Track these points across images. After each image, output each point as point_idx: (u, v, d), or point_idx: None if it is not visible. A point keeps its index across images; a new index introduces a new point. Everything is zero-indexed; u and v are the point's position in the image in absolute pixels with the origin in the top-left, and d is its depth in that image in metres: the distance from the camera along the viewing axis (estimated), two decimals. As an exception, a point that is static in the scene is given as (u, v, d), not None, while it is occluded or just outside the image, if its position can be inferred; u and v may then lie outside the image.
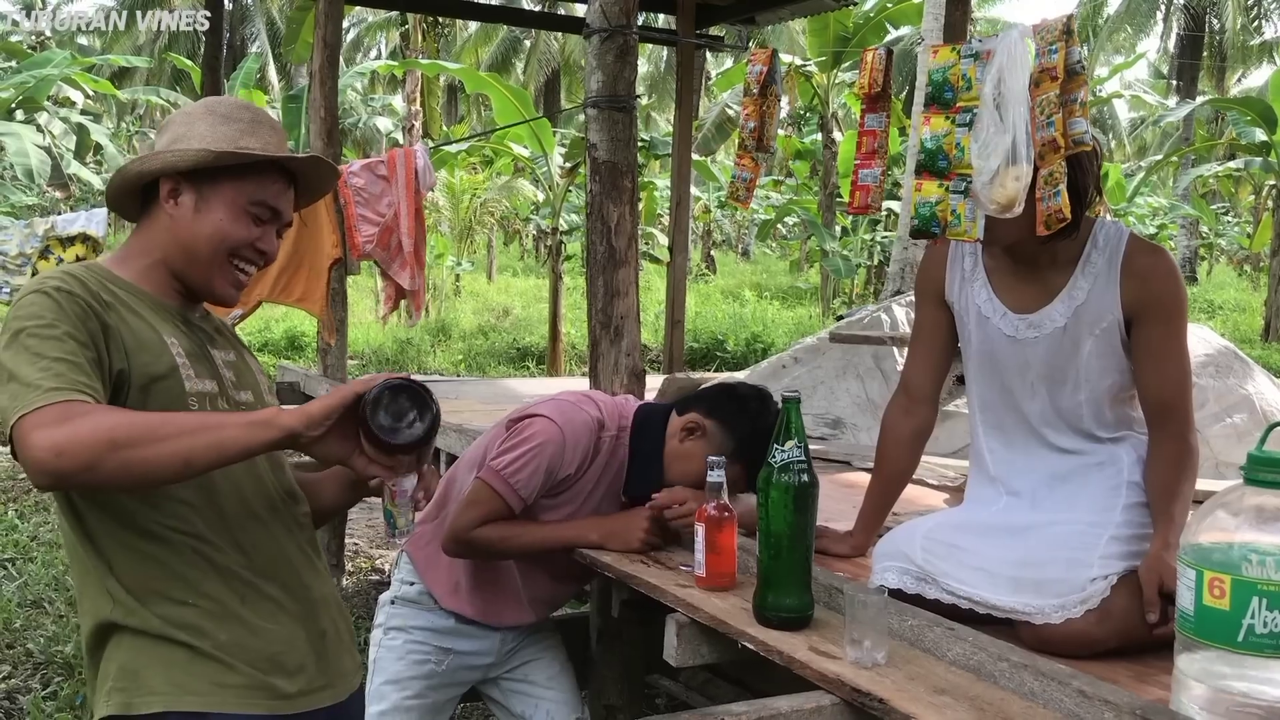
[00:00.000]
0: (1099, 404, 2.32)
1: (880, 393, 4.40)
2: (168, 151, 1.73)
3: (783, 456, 2.06)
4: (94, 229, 5.00)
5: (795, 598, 2.09)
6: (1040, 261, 2.31)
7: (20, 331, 1.57)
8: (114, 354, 1.62)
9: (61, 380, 1.53)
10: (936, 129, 2.03)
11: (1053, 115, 1.90)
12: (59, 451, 1.47)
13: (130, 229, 1.85)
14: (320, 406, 1.55)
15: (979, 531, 2.28)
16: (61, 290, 1.61)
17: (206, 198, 1.74)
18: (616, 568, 2.47)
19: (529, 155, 14.36)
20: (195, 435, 1.53)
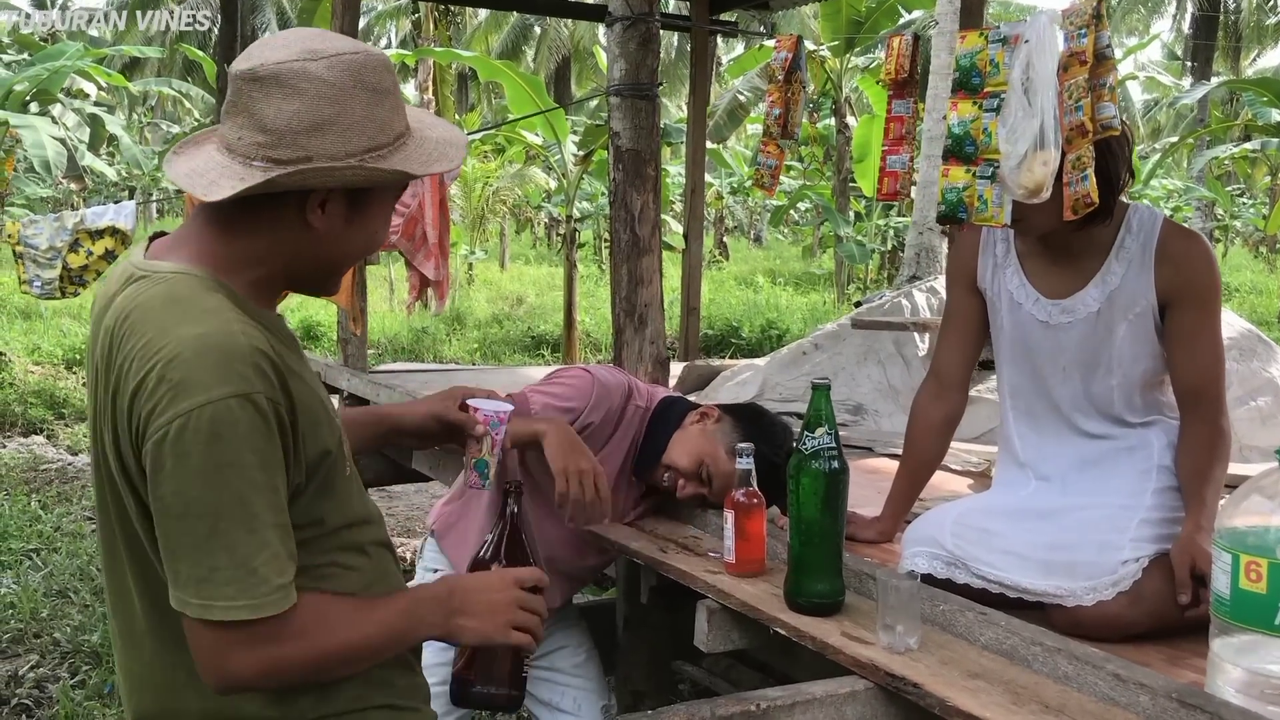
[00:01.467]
0: (1131, 389, 2.32)
1: (901, 378, 4.41)
2: (346, 169, 1.37)
3: (813, 444, 2.06)
4: (123, 222, 5.02)
5: (827, 584, 2.10)
6: (1074, 247, 2.31)
7: (231, 472, 1.28)
8: (302, 451, 1.39)
9: (281, 574, 1.32)
10: (964, 114, 2.03)
11: (1081, 100, 1.90)
12: (266, 676, 1.36)
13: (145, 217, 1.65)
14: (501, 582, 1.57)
15: (1009, 515, 2.28)
16: (265, 399, 1.31)
17: (365, 209, 1.45)
18: (645, 554, 2.49)
19: (541, 143, 14.34)
20: (386, 650, 1.47)
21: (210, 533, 1.28)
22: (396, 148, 1.43)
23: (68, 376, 10.47)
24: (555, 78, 33.85)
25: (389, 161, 1.41)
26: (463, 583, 1.60)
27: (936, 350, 2.66)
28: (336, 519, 1.48)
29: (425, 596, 1.54)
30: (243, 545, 1.29)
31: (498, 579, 1.60)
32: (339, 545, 1.49)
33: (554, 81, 33.40)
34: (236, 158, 1.38)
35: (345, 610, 1.42)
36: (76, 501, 6.83)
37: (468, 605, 1.54)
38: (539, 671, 2.76)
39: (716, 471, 2.54)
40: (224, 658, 1.32)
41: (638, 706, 3.08)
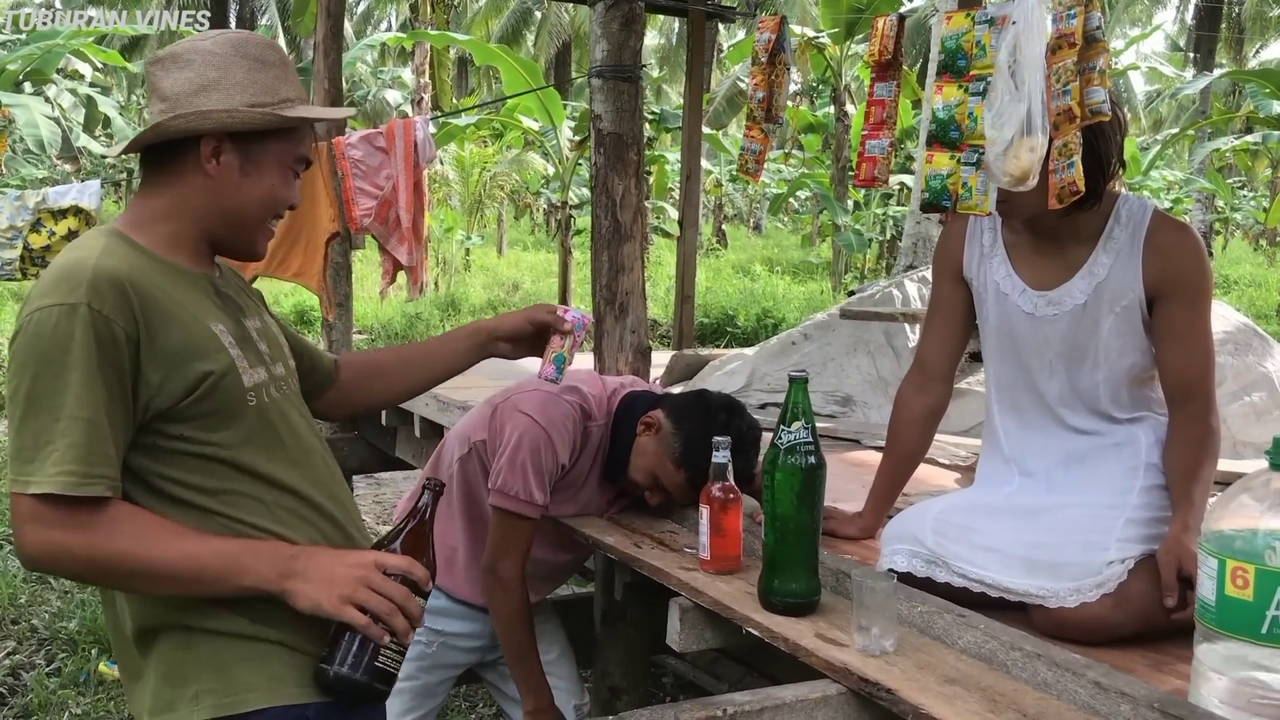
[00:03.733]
0: (1117, 384, 2.26)
1: (891, 370, 4.34)
2: (222, 111, 1.57)
3: (789, 438, 2.00)
4: (86, 201, 4.90)
5: (802, 583, 2.03)
6: (1061, 236, 2.24)
7: (43, 366, 1.45)
8: (156, 376, 1.51)
9: (78, 461, 1.44)
10: (949, 98, 1.96)
11: (1069, 83, 1.82)
12: (50, 559, 1.48)
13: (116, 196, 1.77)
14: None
15: (991, 513, 2.22)
16: (92, 311, 1.46)
17: (255, 160, 1.62)
18: (620, 549, 2.42)
19: (538, 128, 14.26)
20: (190, 582, 1.51)
21: (22, 417, 1.45)
22: (279, 106, 1.61)
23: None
24: (556, 63, 33.72)
25: (239, 97, 1.59)
26: (316, 550, 1.59)
27: (921, 340, 2.59)
28: (238, 451, 1.57)
29: (263, 549, 1.55)
30: (45, 431, 1.44)
31: (355, 555, 1.59)
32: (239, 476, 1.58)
33: (554, 67, 33.27)
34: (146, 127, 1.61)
35: (150, 526, 1.49)
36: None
37: (309, 570, 1.54)
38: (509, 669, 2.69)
39: (669, 483, 2.51)
40: (19, 531, 1.45)
41: (614, 702, 3.02)
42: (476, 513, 2.60)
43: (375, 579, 1.55)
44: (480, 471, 2.58)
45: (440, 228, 16.74)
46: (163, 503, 1.54)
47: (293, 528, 1.61)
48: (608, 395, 2.63)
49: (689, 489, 2.44)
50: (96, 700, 4.00)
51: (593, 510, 2.66)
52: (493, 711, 3.99)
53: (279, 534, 1.59)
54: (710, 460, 2.27)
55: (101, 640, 4.47)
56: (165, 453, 1.54)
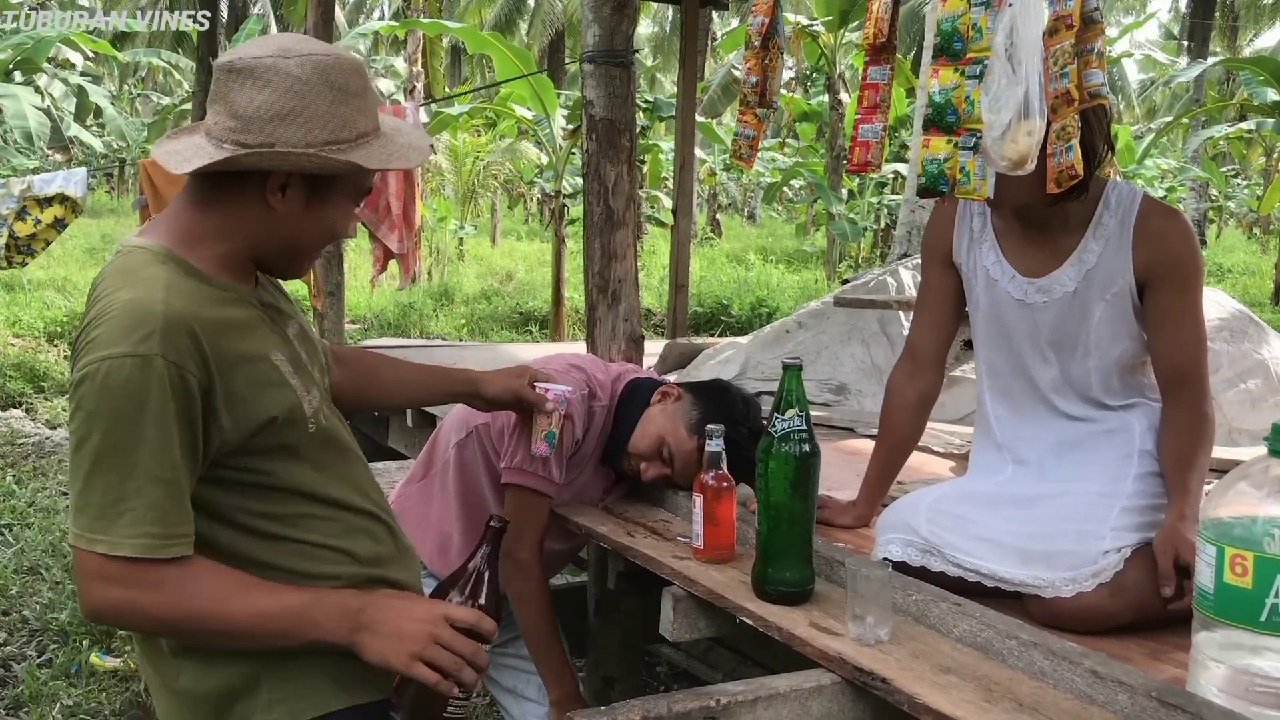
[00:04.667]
0: (1108, 372, 2.24)
1: (885, 358, 4.31)
2: (300, 153, 1.49)
3: (783, 426, 1.97)
4: (72, 189, 4.84)
5: (795, 571, 2.01)
6: (1050, 223, 2.22)
7: (115, 421, 1.40)
8: (227, 420, 1.48)
9: (158, 524, 1.41)
10: (945, 82, 1.93)
11: (1067, 66, 1.80)
12: (117, 616, 1.46)
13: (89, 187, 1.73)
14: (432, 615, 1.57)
15: (986, 502, 2.20)
16: (167, 363, 1.40)
17: (323, 198, 1.56)
18: (613, 539, 2.40)
19: (532, 117, 14.19)
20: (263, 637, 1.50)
21: (91, 471, 1.41)
22: (357, 144, 1.55)
23: (48, 349, 10.36)
24: (549, 51, 33.59)
25: (345, 155, 1.52)
26: (385, 600, 1.58)
27: (911, 327, 2.57)
28: (301, 478, 1.57)
29: (333, 601, 1.53)
30: (115, 488, 1.40)
31: (424, 608, 1.58)
32: (304, 501, 1.58)
33: (548, 55, 33.14)
34: (211, 140, 1.52)
35: (222, 583, 1.47)
36: (52, 476, 6.73)
37: (378, 623, 1.53)
38: (504, 659, 2.68)
39: (678, 450, 2.47)
40: (85, 586, 1.42)
41: (608, 692, 3.01)
42: (473, 499, 2.56)
43: (444, 634, 1.54)
44: (480, 456, 2.55)
45: (433, 217, 16.68)
46: (232, 531, 1.53)
47: (356, 542, 1.63)
48: (611, 379, 2.61)
49: (695, 462, 2.41)
50: (88, 691, 3.98)
51: (588, 497, 2.64)
52: (486, 701, 3.97)
53: (344, 549, 1.61)
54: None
55: (93, 632, 4.45)
56: (233, 484, 1.53)
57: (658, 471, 2.51)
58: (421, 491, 2.62)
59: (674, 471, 2.49)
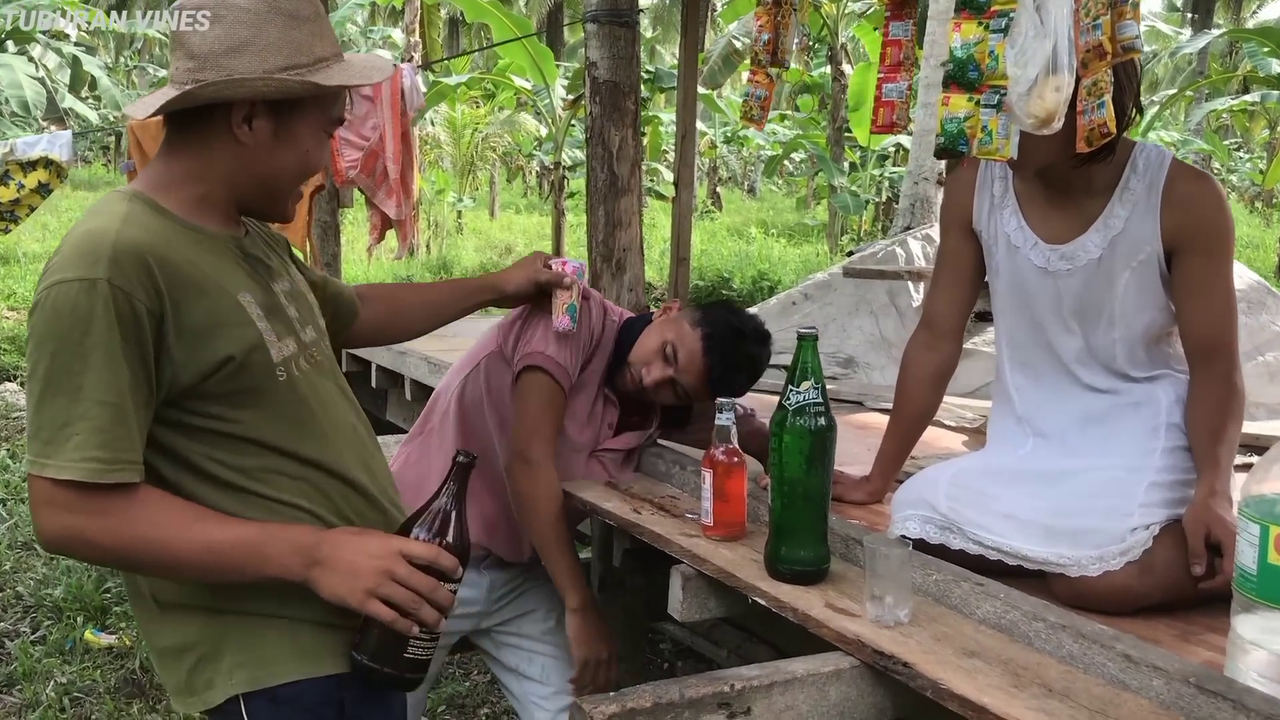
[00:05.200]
0: (1133, 342, 2.15)
1: (895, 330, 4.23)
2: (257, 79, 1.48)
3: (798, 398, 1.89)
4: (57, 152, 4.71)
5: (810, 550, 1.93)
6: (1074, 187, 2.13)
7: (62, 344, 1.38)
8: (180, 353, 1.44)
9: (102, 447, 1.38)
10: (968, 36, 1.83)
11: (1100, 17, 1.70)
12: (67, 544, 1.43)
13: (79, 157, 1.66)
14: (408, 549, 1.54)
15: (1008, 477, 2.12)
16: (113, 286, 1.38)
17: (290, 126, 1.54)
18: (619, 515, 2.32)
19: (531, 88, 14.06)
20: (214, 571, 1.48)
21: (40, 396, 1.39)
22: (315, 69, 1.53)
23: (44, 323, 10.26)
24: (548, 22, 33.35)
25: (303, 78, 1.51)
26: (340, 536, 1.53)
27: (928, 297, 2.48)
28: (268, 429, 1.52)
29: (287, 536, 1.49)
30: (62, 412, 1.38)
31: (379, 543, 1.52)
32: (270, 454, 1.53)
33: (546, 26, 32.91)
34: (174, 85, 1.51)
35: (171, 513, 1.44)
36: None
37: (333, 559, 1.49)
38: (505, 637, 2.60)
39: (681, 345, 2.39)
40: (36, 513, 1.40)
41: (613, 671, 2.94)
42: (476, 446, 2.44)
43: (399, 570, 1.50)
44: (485, 392, 2.47)
45: (432, 190, 16.55)
46: (200, 481, 1.50)
47: (325, 505, 1.58)
48: (618, 312, 2.61)
49: (699, 360, 2.36)
50: (82, 669, 3.91)
51: (589, 431, 2.53)
52: (488, 679, 3.91)
53: (314, 512, 1.56)
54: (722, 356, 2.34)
55: (87, 608, 4.39)
56: (197, 431, 1.49)
57: (660, 373, 2.40)
58: (420, 448, 2.54)
59: (677, 368, 2.39)
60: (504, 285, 2.28)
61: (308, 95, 1.53)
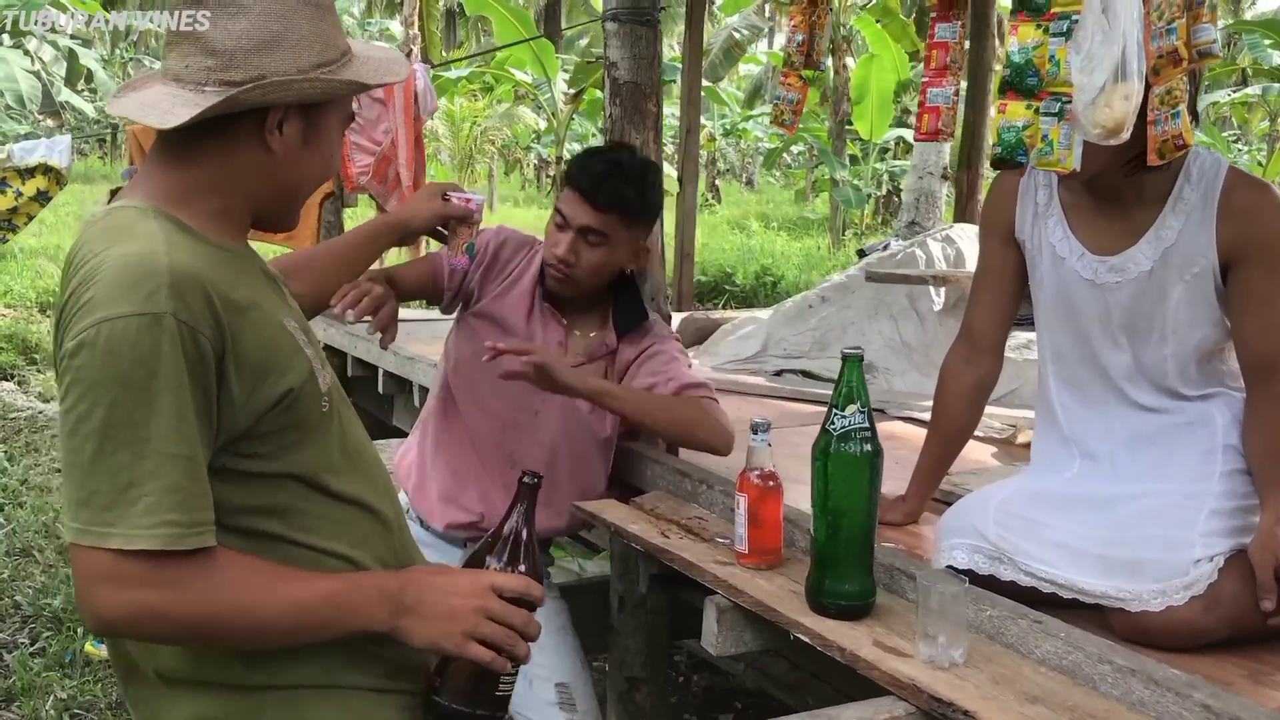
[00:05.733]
0: (1186, 359, 2.05)
1: (915, 334, 4.12)
2: (303, 80, 1.33)
3: (843, 423, 1.78)
4: (56, 159, 4.54)
5: (856, 582, 1.83)
6: (1124, 197, 2.02)
7: (123, 391, 1.19)
8: (241, 393, 1.28)
9: (179, 509, 1.20)
10: (1026, 40, 1.73)
11: (1175, 20, 1.60)
12: (133, 624, 1.24)
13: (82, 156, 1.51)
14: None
15: (1058, 503, 2.01)
16: (179, 322, 1.21)
17: (319, 128, 1.41)
18: (645, 540, 2.22)
19: (531, 81, 13.94)
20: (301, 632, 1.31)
21: (96, 453, 1.20)
22: (344, 63, 1.40)
23: (41, 320, 10.14)
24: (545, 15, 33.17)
25: (342, 74, 1.38)
26: (424, 577, 1.40)
27: (968, 309, 2.38)
28: (312, 467, 1.38)
29: (371, 585, 1.36)
30: (126, 470, 1.19)
31: (468, 581, 1.40)
32: (312, 494, 1.39)
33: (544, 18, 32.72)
34: (187, 86, 1.33)
35: (252, 574, 1.28)
36: (45, 452, 6.54)
37: (423, 604, 1.36)
38: None
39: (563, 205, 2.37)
40: (93, 593, 1.21)
41: (633, 694, 2.84)
42: (459, 428, 2.51)
43: (495, 607, 1.37)
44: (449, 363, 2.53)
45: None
46: (234, 535, 1.31)
47: (363, 549, 1.44)
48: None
49: (575, 193, 2.34)
50: (83, 683, 3.81)
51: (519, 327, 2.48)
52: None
53: (351, 558, 1.42)
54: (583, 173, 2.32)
55: (87, 619, 4.28)
56: (236, 476, 1.31)
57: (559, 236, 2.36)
58: (414, 440, 2.61)
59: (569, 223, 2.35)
60: (410, 221, 2.19)
61: (348, 95, 1.42)
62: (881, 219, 19.94)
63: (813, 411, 3.74)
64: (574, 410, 2.45)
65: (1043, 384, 2.25)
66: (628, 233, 2.37)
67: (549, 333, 2.46)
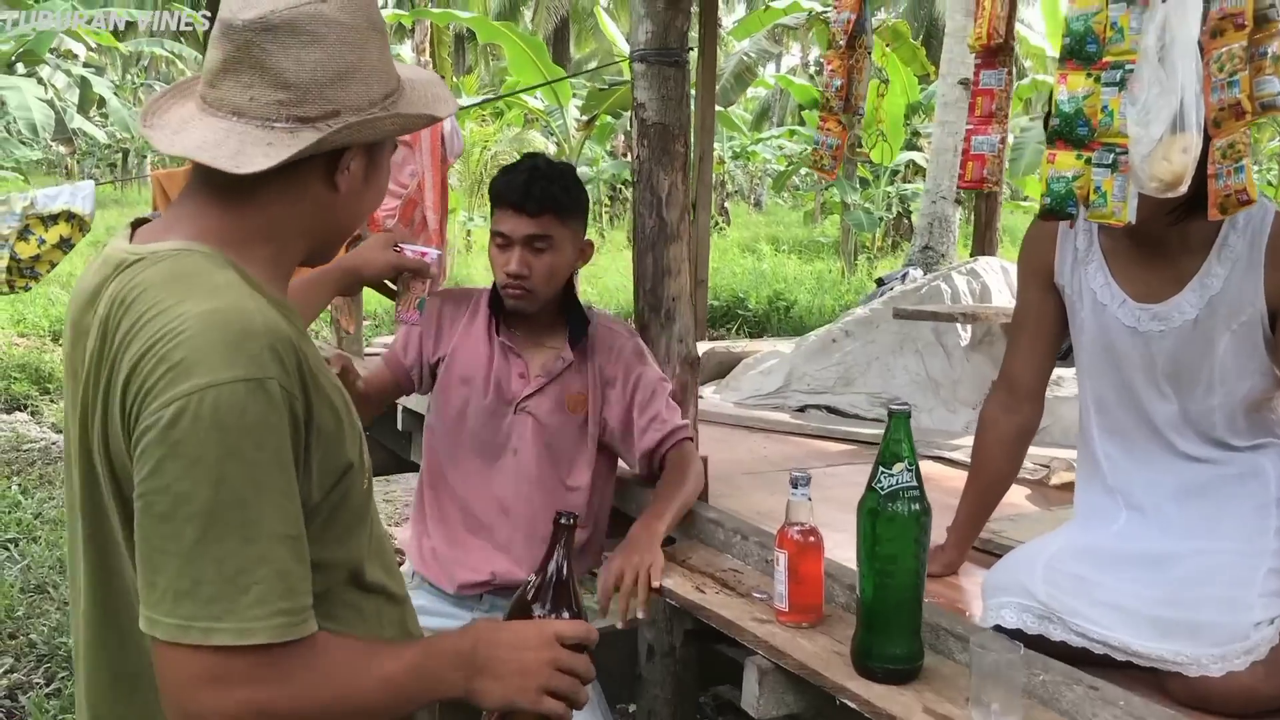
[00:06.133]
0: (1233, 410, 2.00)
1: (942, 370, 4.07)
2: (387, 118, 1.24)
3: (890, 482, 1.74)
4: (79, 205, 4.49)
5: (904, 645, 1.78)
6: (1168, 244, 1.98)
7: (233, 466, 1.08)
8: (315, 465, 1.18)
9: (289, 595, 1.10)
10: (1075, 88, 1.68)
11: (1237, 72, 1.55)
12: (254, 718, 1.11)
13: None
14: None
15: (1108, 560, 1.96)
16: (283, 389, 1.11)
17: (378, 164, 1.32)
18: (682, 596, 2.17)
19: (543, 107, 13.94)
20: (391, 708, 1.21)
21: (199, 539, 1.07)
22: (402, 92, 1.30)
23: (54, 349, 10.14)
24: (554, 39, 33.29)
25: (410, 106, 1.29)
26: (491, 634, 1.31)
27: (1007, 355, 2.33)
28: (350, 550, 1.28)
29: (443, 650, 1.27)
30: (236, 556, 1.07)
31: (535, 633, 1.32)
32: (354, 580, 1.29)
33: (552, 43, 32.84)
34: (251, 121, 1.20)
35: (349, 656, 1.18)
36: (59, 485, 6.50)
37: (494, 664, 1.27)
38: None
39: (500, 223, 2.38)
40: (194, 698, 1.07)
41: (663, 744, 2.78)
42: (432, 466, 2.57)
43: (562, 657, 1.30)
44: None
45: (442, 209, 16.39)
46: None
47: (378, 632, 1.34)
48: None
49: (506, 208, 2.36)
50: (99, 727, 3.75)
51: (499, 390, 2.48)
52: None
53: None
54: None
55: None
56: None
57: (506, 255, 2.38)
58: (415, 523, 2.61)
59: (510, 238, 2.37)
60: (361, 269, 2.02)
61: (419, 128, 1.33)
62: (893, 242, 19.88)
63: (839, 450, 3.69)
64: (551, 436, 2.47)
65: (1084, 432, 2.20)
66: (567, 229, 2.39)
67: (511, 367, 2.47)
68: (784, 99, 29.69)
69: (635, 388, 2.46)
